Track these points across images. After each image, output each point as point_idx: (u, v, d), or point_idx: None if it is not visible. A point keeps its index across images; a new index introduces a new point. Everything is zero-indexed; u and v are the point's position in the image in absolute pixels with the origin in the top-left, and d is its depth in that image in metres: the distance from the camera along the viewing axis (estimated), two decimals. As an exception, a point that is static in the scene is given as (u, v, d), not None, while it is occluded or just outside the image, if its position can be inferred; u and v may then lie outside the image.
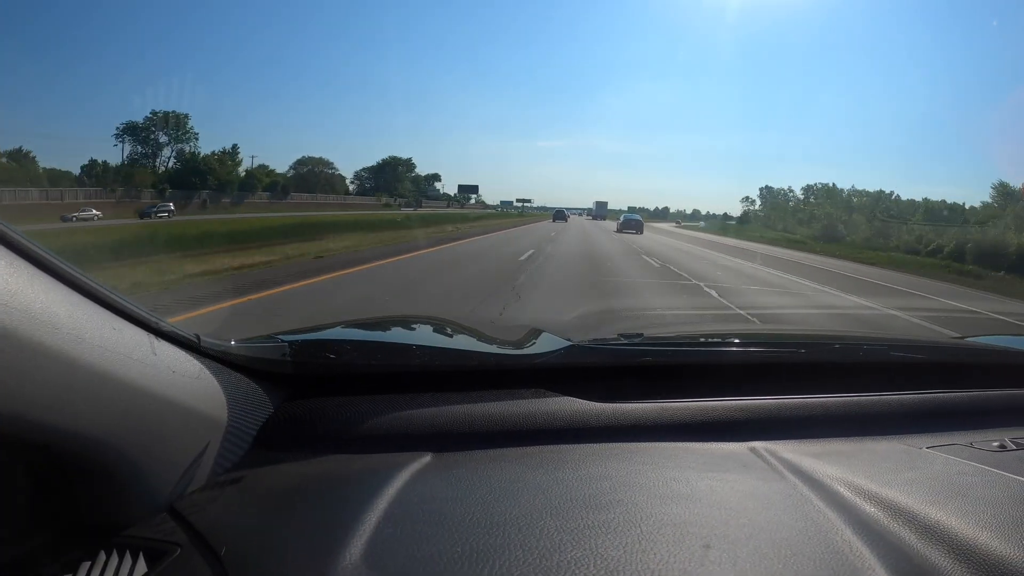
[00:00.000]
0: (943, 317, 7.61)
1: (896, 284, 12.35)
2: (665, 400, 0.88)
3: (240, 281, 7.21)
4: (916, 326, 6.75)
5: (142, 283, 6.64)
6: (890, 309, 7.85)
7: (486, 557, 0.52)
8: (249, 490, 0.69)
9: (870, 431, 0.87)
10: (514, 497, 0.63)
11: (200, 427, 0.67)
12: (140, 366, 0.58)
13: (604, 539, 0.55)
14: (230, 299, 5.80)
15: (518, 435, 0.80)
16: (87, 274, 0.55)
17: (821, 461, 0.74)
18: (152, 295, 5.91)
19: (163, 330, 0.65)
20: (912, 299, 9.72)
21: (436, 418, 0.81)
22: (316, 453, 0.76)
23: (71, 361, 0.50)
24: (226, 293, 6.15)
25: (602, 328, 1.81)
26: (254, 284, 6.98)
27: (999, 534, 0.56)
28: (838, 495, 0.65)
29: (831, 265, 17.02)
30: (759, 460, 0.75)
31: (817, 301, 8.40)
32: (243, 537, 0.58)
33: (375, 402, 0.83)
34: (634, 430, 0.83)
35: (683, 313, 6.40)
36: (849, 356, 1.14)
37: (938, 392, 0.99)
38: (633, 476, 0.69)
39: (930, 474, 0.71)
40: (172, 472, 0.64)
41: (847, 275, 13.67)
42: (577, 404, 0.85)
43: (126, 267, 7.78)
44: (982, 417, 0.94)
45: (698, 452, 0.78)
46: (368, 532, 0.55)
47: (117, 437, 0.56)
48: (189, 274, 7.72)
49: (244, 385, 0.78)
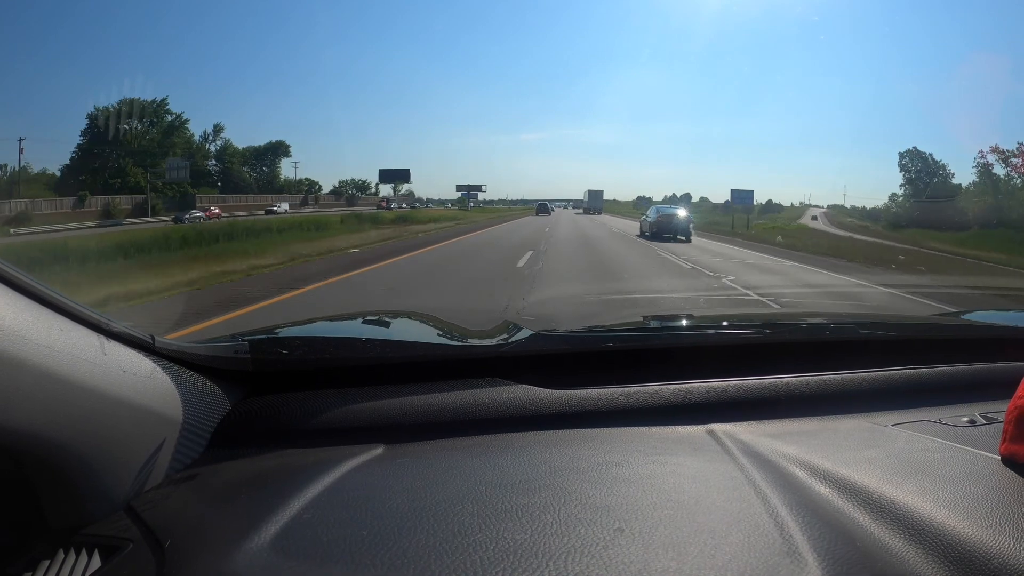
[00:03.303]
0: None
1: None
2: (623, 385, 0.87)
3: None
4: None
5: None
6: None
7: (388, 541, 0.53)
8: (202, 486, 0.70)
9: (835, 410, 0.86)
10: (442, 484, 0.64)
11: (154, 426, 0.68)
12: (89, 366, 0.59)
13: (515, 523, 0.55)
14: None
15: (471, 424, 0.80)
16: (35, 278, 0.56)
17: (779, 441, 0.73)
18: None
19: (114, 331, 0.65)
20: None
21: (391, 410, 0.82)
22: (271, 448, 0.77)
23: (17, 361, 0.51)
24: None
25: (581, 319, 1.64)
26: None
27: (959, 512, 0.54)
28: (789, 475, 0.64)
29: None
30: (714, 442, 0.75)
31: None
32: (187, 530, 0.59)
33: (330, 396, 0.84)
34: (590, 416, 0.82)
35: (672, 296, 6.01)
36: (815, 335, 1.13)
37: (908, 368, 0.97)
38: (573, 461, 0.69)
39: (891, 451, 0.69)
40: (127, 471, 0.65)
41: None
42: (532, 392, 0.85)
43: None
44: (952, 392, 0.92)
45: (653, 436, 0.78)
46: (286, 518, 0.57)
47: (68, 436, 0.57)
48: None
49: (200, 384, 0.78)
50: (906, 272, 11.67)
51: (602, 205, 64.06)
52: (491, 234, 20.69)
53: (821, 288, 8.36)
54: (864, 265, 12.20)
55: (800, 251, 15.81)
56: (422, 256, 12.15)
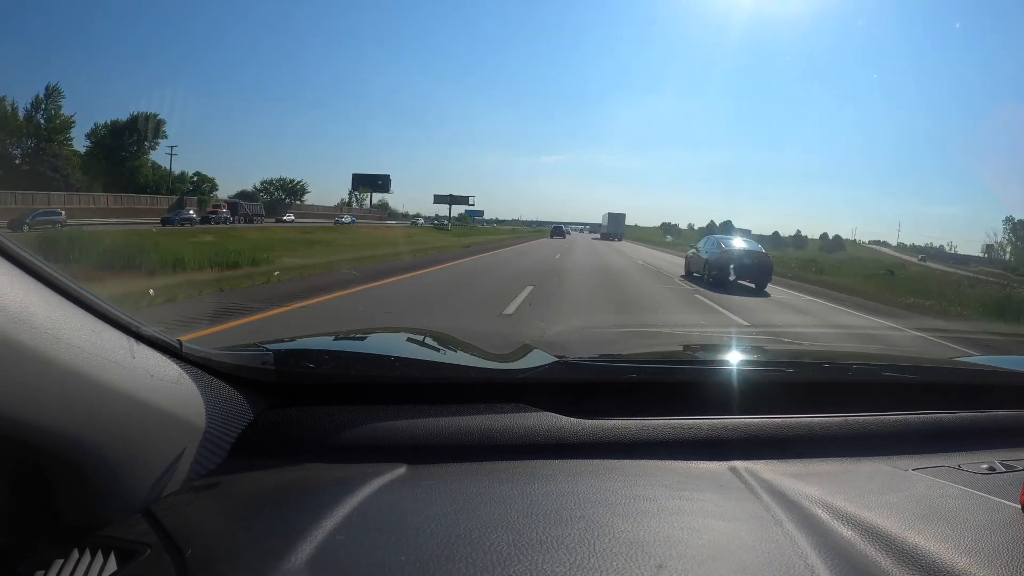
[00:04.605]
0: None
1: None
2: (647, 417, 0.87)
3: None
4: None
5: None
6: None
7: (428, 568, 0.52)
8: (223, 495, 0.70)
9: (856, 452, 0.85)
10: (474, 510, 0.63)
11: (177, 431, 0.68)
12: (118, 368, 0.59)
13: (553, 555, 0.55)
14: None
15: (495, 449, 0.80)
16: (69, 276, 0.56)
17: (801, 482, 0.73)
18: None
19: (143, 334, 0.65)
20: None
21: (414, 430, 0.81)
22: (293, 461, 0.76)
23: (47, 360, 0.51)
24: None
25: (606, 347, 1.65)
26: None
27: (980, 560, 0.54)
28: (814, 517, 0.64)
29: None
30: (736, 480, 0.74)
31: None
32: (210, 540, 0.59)
33: (354, 412, 0.83)
34: (613, 447, 0.82)
35: (694, 331, 5.84)
36: (838, 375, 1.11)
37: (928, 413, 0.96)
38: (602, 493, 0.69)
39: (913, 496, 0.70)
40: (147, 474, 0.64)
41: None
42: (556, 420, 0.84)
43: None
44: (972, 439, 0.91)
45: (676, 471, 0.77)
46: (320, 538, 0.56)
47: (92, 437, 0.57)
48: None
49: (225, 392, 0.78)
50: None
51: (624, 230, 58.33)
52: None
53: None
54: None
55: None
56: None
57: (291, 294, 7.19)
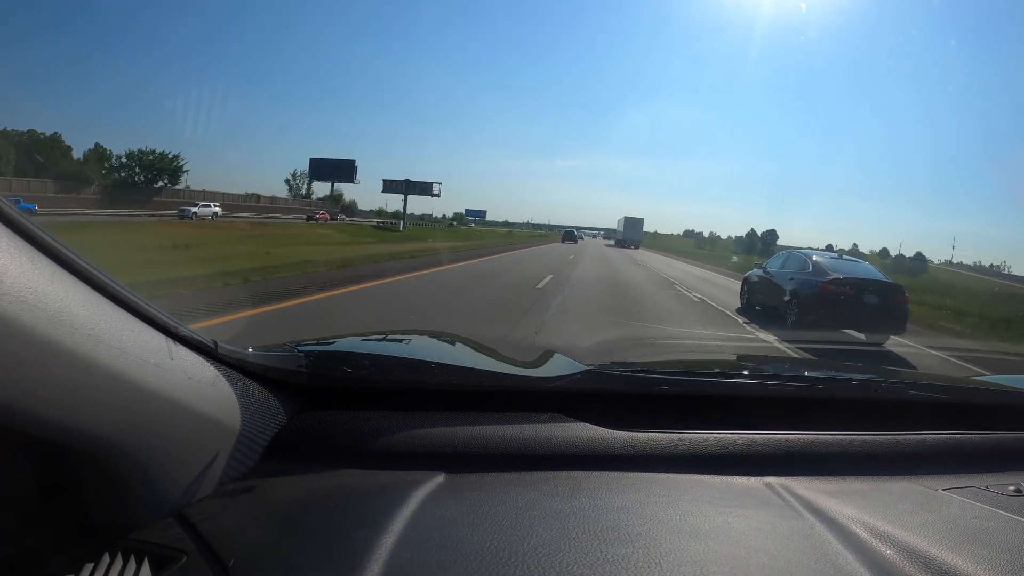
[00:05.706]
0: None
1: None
2: (681, 431, 0.86)
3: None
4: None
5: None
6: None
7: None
8: (259, 500, 0.69)
9: (886, 470, 0.86)
10: (530, 526, 0.63)
11: (212, 434, 0.67)
12: (156, 370, 0.58)
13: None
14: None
15: (533, 459, 0.79)
16: (107, 273, 0.55)
17: (836, 500, 0.74)
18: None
19: (181, 335, 0.64)
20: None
21: (450, 438, 0.81)
22: (327, 466, 0.75)
23: (88, 362, 0.50)
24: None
25: (623, 354, 1.69)
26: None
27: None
28: (854, 536, 0.65)
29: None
30: (775, 496, 0.75)
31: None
32: (252, 549, 0.58)
33: (390, 418, 0.82)
34: (649, 460, 0.82)
35: (709, 344, 5.56)
36: (867, 393, 1.12)
37: (955, 433, 0.97)
38: (650, 508, 0.69)
39: (946, 517, 0.70)
40: (182, 477, 0.64)
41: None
42: (593, 431, 0.84)
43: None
44: (999, 460, 0.92)
45: (713, 485, 0.77)
46: (384, 556, 0.55)
47: (129, 439, 0.56)
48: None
49: (258, 394, 0.77)
50: None
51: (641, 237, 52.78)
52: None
53: None
54: None
55: None
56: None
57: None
